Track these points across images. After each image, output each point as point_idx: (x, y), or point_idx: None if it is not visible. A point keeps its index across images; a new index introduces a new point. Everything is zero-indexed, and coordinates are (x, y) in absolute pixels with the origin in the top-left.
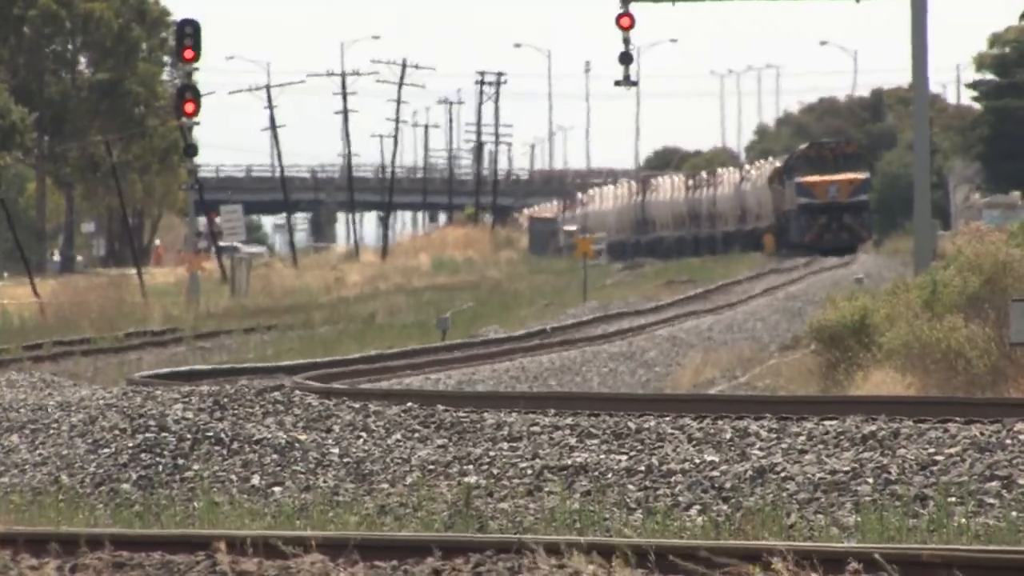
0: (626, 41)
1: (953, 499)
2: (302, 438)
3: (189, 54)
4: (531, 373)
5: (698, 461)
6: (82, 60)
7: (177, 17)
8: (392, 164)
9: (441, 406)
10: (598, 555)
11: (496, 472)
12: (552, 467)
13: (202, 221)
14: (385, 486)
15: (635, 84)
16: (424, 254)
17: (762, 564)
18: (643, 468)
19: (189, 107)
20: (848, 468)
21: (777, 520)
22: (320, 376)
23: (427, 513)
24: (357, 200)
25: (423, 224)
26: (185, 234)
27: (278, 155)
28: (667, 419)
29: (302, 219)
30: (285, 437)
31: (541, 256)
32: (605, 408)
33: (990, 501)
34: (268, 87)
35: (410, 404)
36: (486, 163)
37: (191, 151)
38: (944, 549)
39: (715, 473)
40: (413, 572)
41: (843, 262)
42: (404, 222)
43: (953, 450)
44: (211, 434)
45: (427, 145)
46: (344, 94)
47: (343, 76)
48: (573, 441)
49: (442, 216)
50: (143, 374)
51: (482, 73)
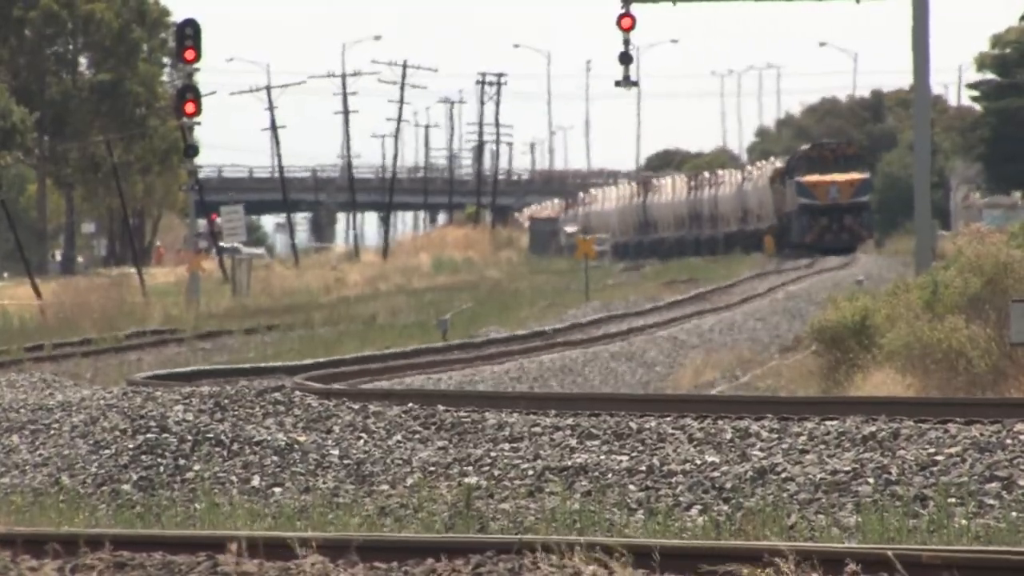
0: (626, 41)
1: (953, 500)
2: (302, 439)
3: (190, 55)
4: (532, 374)
5: (699, 461)
6: (83, 61)
7: (177, 18)
8: (393, 164)
9: (442, 407)
10: (599, 554)
11: (497, 473)
12: (553, 468)
13: (202, 222)
14: (385, 487)
15: (635, 84)
16: (424, 254)
17: (763, 564)
18: (644, 468)
19: (190, 108)
20: (849, 468)
21: (778, 520)
22: (320, 377)
23: (428, 514)
24: (357, 200)
25: (424, 224)
26: (185, 235)
27: (278, 156)
28: (668, 419)
29: (302, 219)
30: (285, 438)
31: (542, 256)
32: (606, 408)
33: (990, 502)
34: (268, 88)
35: (411, 405)
36: (487, 163)
37: (191, 152)
38: (944, 550)
39: (716, 473)
40: (413, 573)
41: (844, 263)
42: (404, 222)
43: (953, 450)
44: (211, 435)
45: (428, 145)
46: (344, 94)
47: (344, 77)
48: (574, 442)
49: (442, 216)
50: (144, 375)
51: (483, 73)
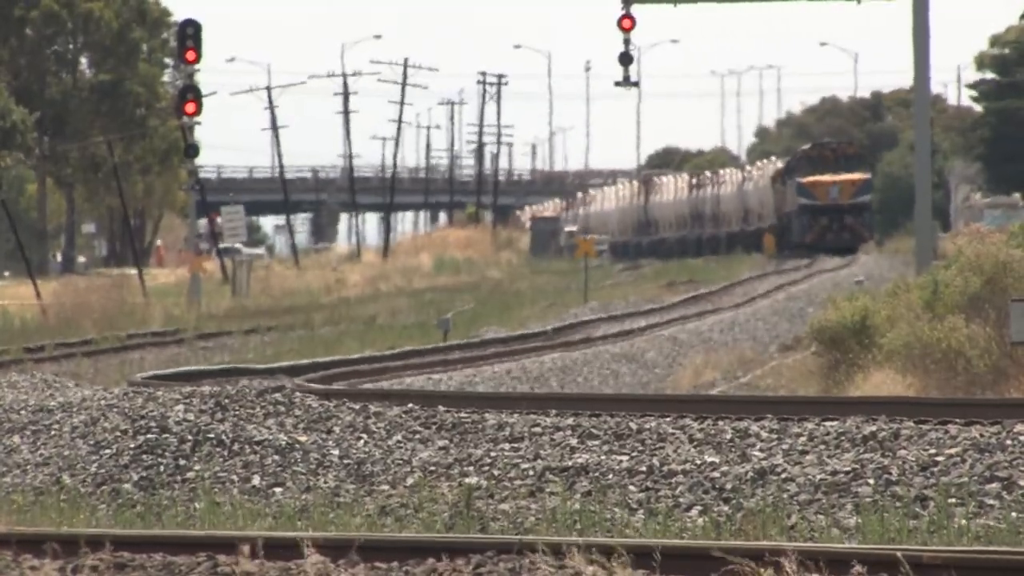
0: (626, 42)
1: (953, 500)
2: (303, 439)
3: (191, 55)
4: (532, 374)
5: (699, 462)
6: (83, 61)
7: (178, 18)
8: (394, 164)
9: (442, 407)
10: (599, 554)
11: (497, 473)
12: (553, 468)
13: (203, 222)
14: (386, 487)
15: (636, 84)
16: (425, 254)
17: (765, 564)
18: (644, 469)
19: (190, 108)
20: (849, 469)
21: (778, 521)
22: (321, 377)
23: (428, 514)
24: (358, 201)
25: (424, 224)
26: (186, 235)
27: (279, 156)
28: (668, 420)
29: (303, 220)
30: (286, 438)
31: (542, 256)
32: (606, 409)
33: (990, 502)
34: (269, 88)
35: (411, 405)
36: (487, 163)
37: (192, 152)
38: (945, 550)
39: (716, 474)
40: (414, 573)
41: (844, 263)
42: (405, 223)
43: (953, 451)
44: (212, 435)
45: (429, 145)
46: (345, 94)
47: (344, 77)
48: (574, 442)
49: (443, 216)
50: (144, 375)
51: (483, 74)
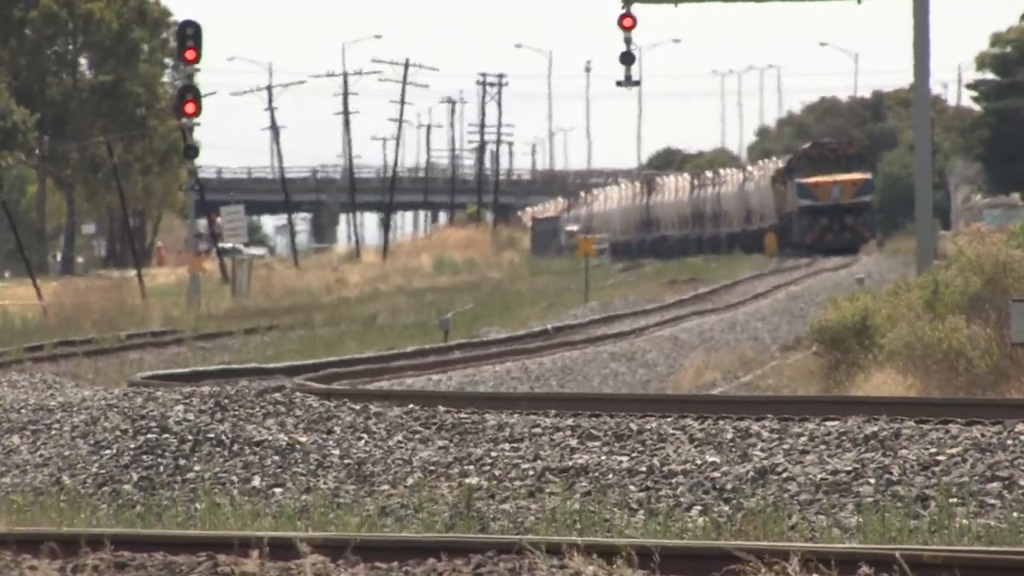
0: (627, 41)
1: (954, 500)
2: (303, 439)
3: (191, 55)
4: (532, 374)
5: (699, 462)
6: (83, 61)
7: (178, 18)
8: (395, 164)
9: (442, 407)
10: (599, 555)
11: (497, 473)
12: (553, 468)
13: (203, 222)
14: (386, 487)
15: (636, 84)
16: (425, 255)
17: (767, 564)
18: (644, 469)
19: (190, 108)
20: (850, 469)
21: (779, 521)
22: (321, 377)
23: (428, 514)
24: (358, 200)
25: (425, 224)
26: (186, 235)
27: (279, 156)
28: (668, 420)
29: (303, 220)
30: (286, 438)
31: (543, 256)
32: (606, 409)
33: (991, 502)
34: (269, 88)
35: (411, 405)
36: (488, 163)
37: (192, 152)
38: (946, 550)
39: (716, 474)
40: (414, 573)
41: (845, 263)
42: (405, 223)
43: (954, 451)
44: (212, 435)
45: (429, 145)
46: (345, 94)
47: (344, 76)
48: (574, 442)
49: (443, 216)
50: (144, 375)
51: (484, 74)
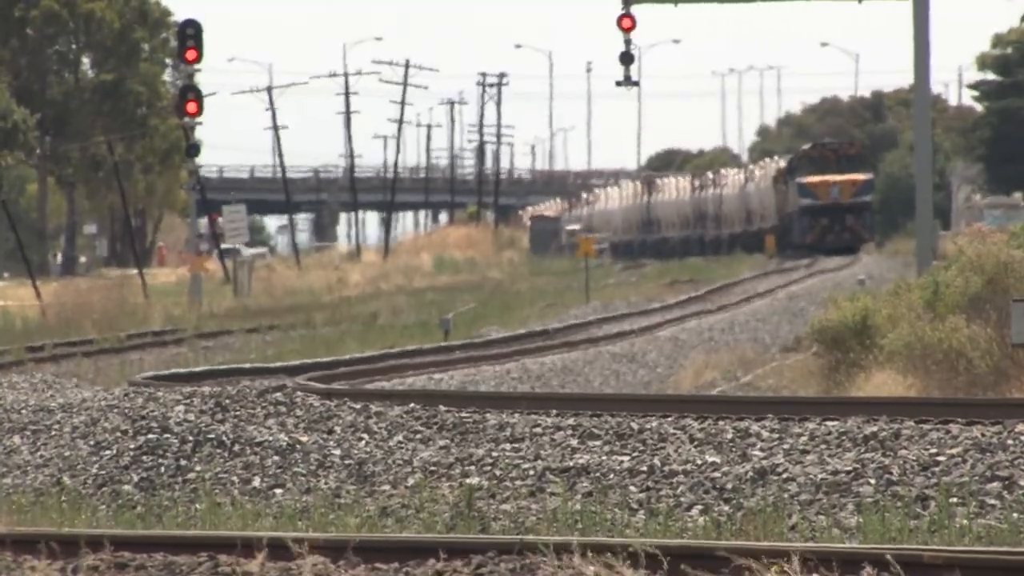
0: (627, 42)
1: (955, 500)
2: (303, 439)
3: (191, 55)
4: (533, 374)
5: (700, 462)
6: (84, 61)
7: (179, 18)
8: (395, 164)
9: (443, 407)
10: (600, 555)
11: (498, 473)
12: (554, 468)
13: (204, 222)
14: (387, 487)
15: (636, 84)
16: (426, 254)
17: (767, 564)
18: (645, 469)
19: (191, 107)
20: (850, 469)
21: (779, 521)
22: (322, 377)
23: (429, 515)
24: (359, 200)
25: (425, 224)
26: (187, 235)
27: (280, 156)
28: (669, 420)
29: (304, 220)
30: (287, 439)
31: (543, 255)
32: (607, 409)
33: (991, 502)
34: (270, 88)
35: (412, 405)
36: (488, 163)
37: (193, 151)
38: (946, 550)
39: (717, 474)
40: (415, 574)
41: (845, 263)
42: (406, 222)
43: (954, 451)
44: (213, 436)
45: (429, 145)
46: (346, 94)
47: (345, 77)
48: (575, 442)
49: (443, 216)
50: (145, 375)
51: (484, 74)
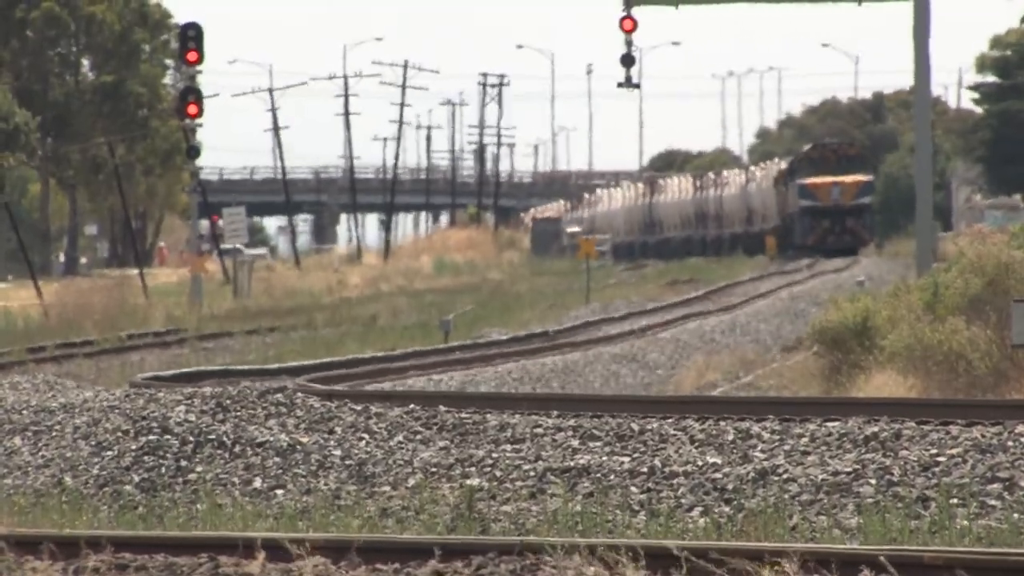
0: (628, 43)
1: (955, 501)
2: (304, 440)
3: (192, 57)
4: (533, 375)
5: (701, 463)
6: (85, 63)
7: (179, 20)
8: (395, 165)
9: (443, 407)
10: (603, 555)
11: (499, 474)
12: (555, 469)
13: (204, 223)
14: (387, 488)
15: (637, 86)
16: (426, 256)
17: (768, 564)
18: (646, 470)
19: (192, 109)
20: (850, 469)
21: (779, 522)
22: (322, 378)
23: (429, 516)
24: (359, 201)
25: (425, 225)
26: (188, 236)
27: (280, 157)
28: (670, 421)
29: (304, 221)
30: (287, 439)
31: (544, 256)
32: (608, 410)
33: (992, 503)
34: (271, 89)
35: (412, 406)
36: (489, 165)
37: (194, 153)
38: (946, 551)
39: (718, 475)
40: (415, 574)
41: (846, 264)
42: (406, 224)
43: (955, 451)
44: (213, 436)
45: (429, 147)
46: (346, 96)
47: (345, 78)
48: (576, 443)
49: (444, 217)
50: (145, 376)
51: (484, 75)
